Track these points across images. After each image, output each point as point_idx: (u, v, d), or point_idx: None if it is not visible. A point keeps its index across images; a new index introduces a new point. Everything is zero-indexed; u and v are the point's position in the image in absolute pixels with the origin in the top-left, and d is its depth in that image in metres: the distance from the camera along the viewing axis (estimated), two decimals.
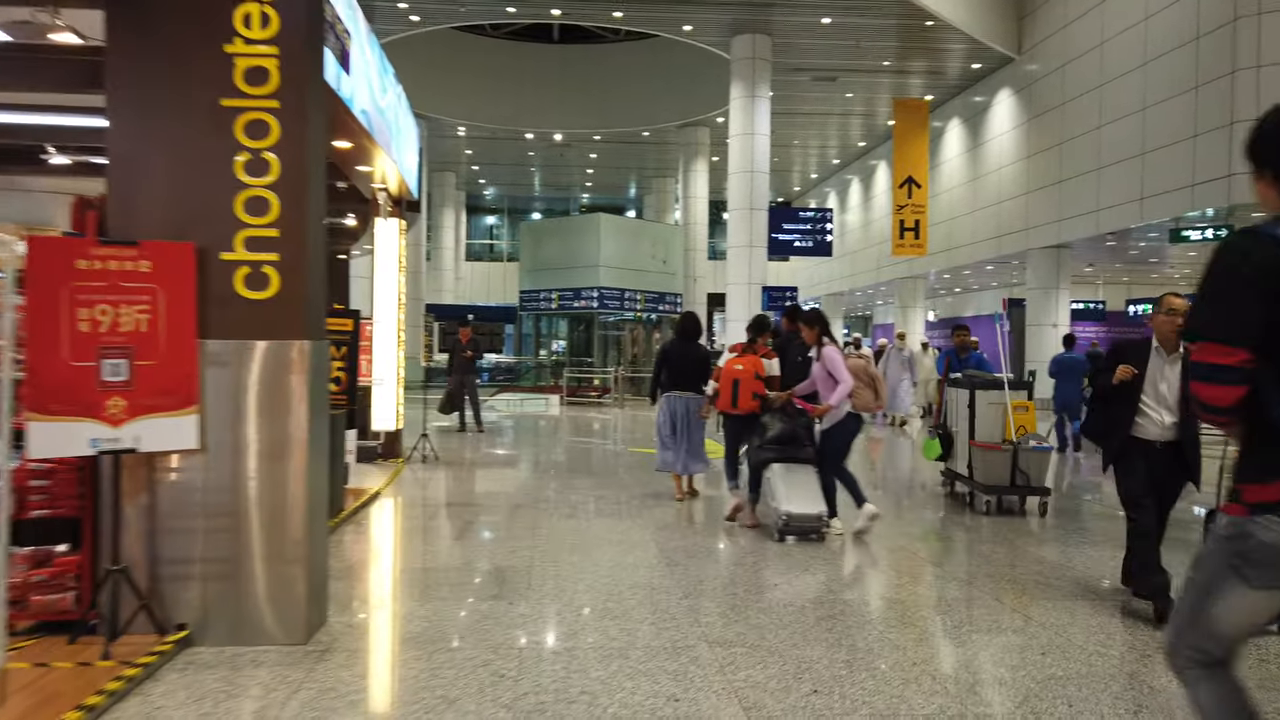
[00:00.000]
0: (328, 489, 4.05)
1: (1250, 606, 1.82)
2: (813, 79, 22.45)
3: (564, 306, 23.86)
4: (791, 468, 5.91)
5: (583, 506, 6.98)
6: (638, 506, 7.02)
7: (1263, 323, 1.70)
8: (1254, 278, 1.72)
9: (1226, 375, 1.74)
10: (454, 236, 39.42)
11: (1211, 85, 13.85)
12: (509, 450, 11.20)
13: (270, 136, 3.67)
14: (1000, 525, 6.47)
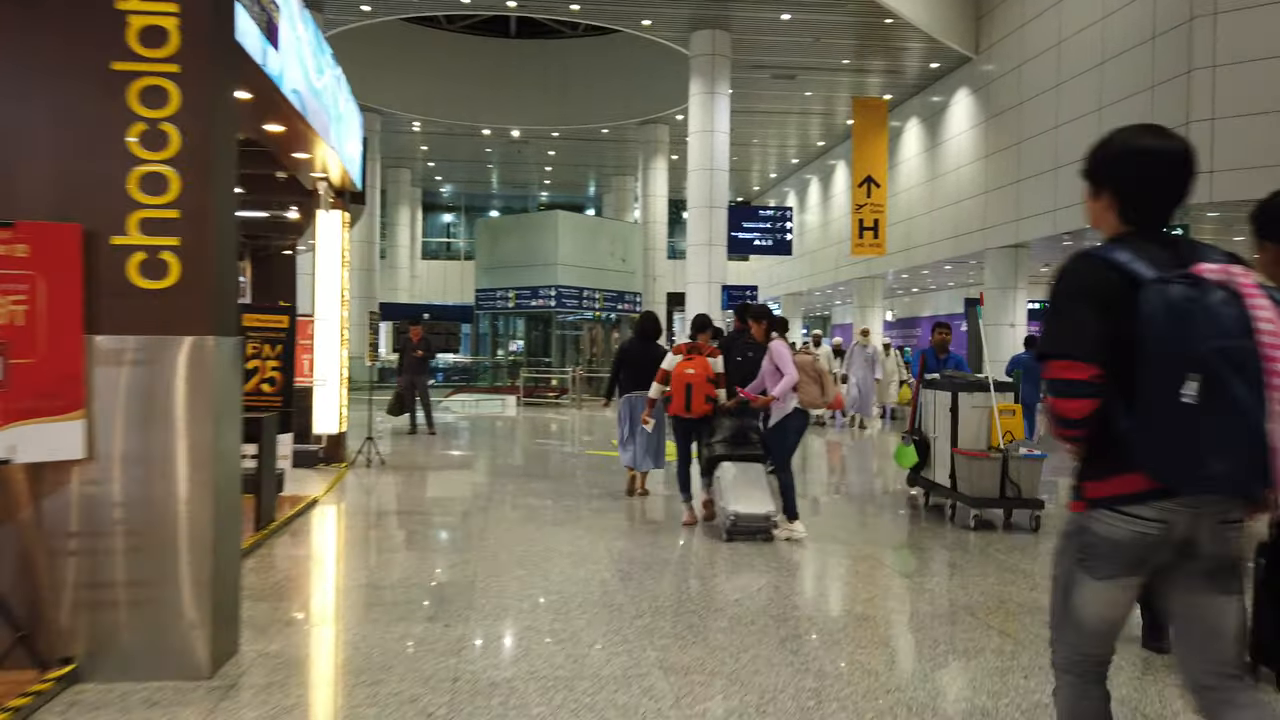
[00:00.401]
0: (240, 501, 3.63)
1: (1101, 599, 1.90)
2: (772, 76, 22.29)
3: (521, 305, 23.40)
4: (742, 467, 5.85)
5: (534, 513, 6.60)
6: (592, 513, 6.67)
7: (1103, 338, 1.79)
8: (1091, 297, 1.82)
9: (1079, 389, 1.82)
10: (409, 234, 38.64)
11: (1167, 85, 13.90)
12: (460, 453, 10.76)
13: (169, 105, 3.24)
14: (986, 540, 5.97)
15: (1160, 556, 1.85)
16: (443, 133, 30.74)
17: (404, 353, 12.65)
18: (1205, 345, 1.68)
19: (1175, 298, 1.72)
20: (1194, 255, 1.84)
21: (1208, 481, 1.73)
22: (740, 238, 20.00)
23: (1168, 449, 1.73)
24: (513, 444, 12.15)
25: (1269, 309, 1.70)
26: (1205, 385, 1.68)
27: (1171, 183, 1.95)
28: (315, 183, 8.11)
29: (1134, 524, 1.83)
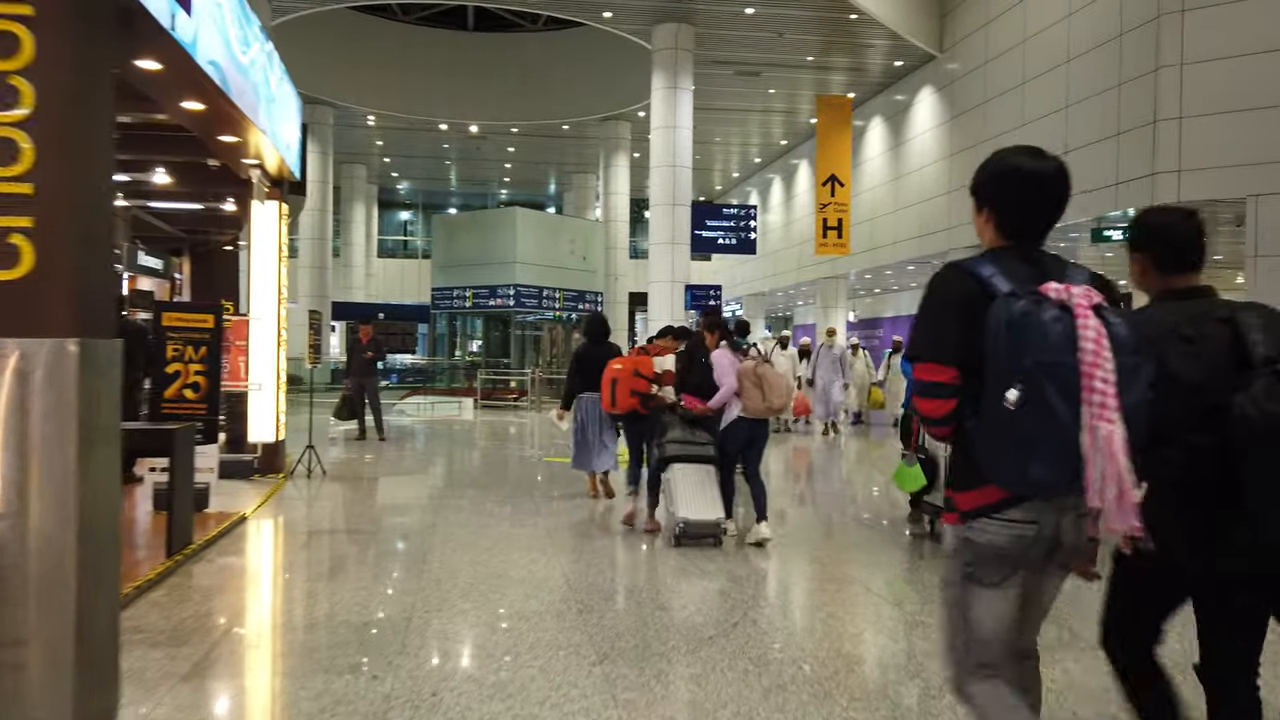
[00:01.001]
0: (115, 539, 3.03)
1: (996, 604, 1.95)
2: (736, 73, 21.90)
3: (479, 305, 22.71)
4: (692, 470, 5.73)
5: (486, 530, 6.04)
6: (548, 529, 6.14)
7: (963, 344, 1.88)
8: (954, 306, 1.91)
9: (939, 390, 1.92)
10: (365, 231, 37.64)
11: (1134, 83, 13.74)
12: (410, 461, 10.13)
13: (20, 55, 2.64)
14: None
15: (1035, 553, 1.93)
16: (398, 127, 29.89)
17: (352, 354, 11.99)
18: (1029, 358, 1.78)
19: (1015, 313, 1.81)
20: (1055, 273, 1.93)
21: (1030, 486, 1.84)
22: (704, 236, 19.57)
23: (997, 454, 1.85)
24: (467, 450, 11.54)
25: (1094, 328, 1.78)
26: (1025, 396, 1.78)
27: (1043, 202, 2.02)
28: (249, 171, 7.45)
29: (1010, 528, 1.90)
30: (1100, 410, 1.76)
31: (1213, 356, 2.00)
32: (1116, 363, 1.78)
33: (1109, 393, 1.76)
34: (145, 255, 11.67)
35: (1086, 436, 1.76)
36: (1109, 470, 1.75)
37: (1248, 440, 1.89)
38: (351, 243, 36.60)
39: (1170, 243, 2.21)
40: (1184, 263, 2.20)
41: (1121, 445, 1.75)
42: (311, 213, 27.55)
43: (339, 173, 35.44)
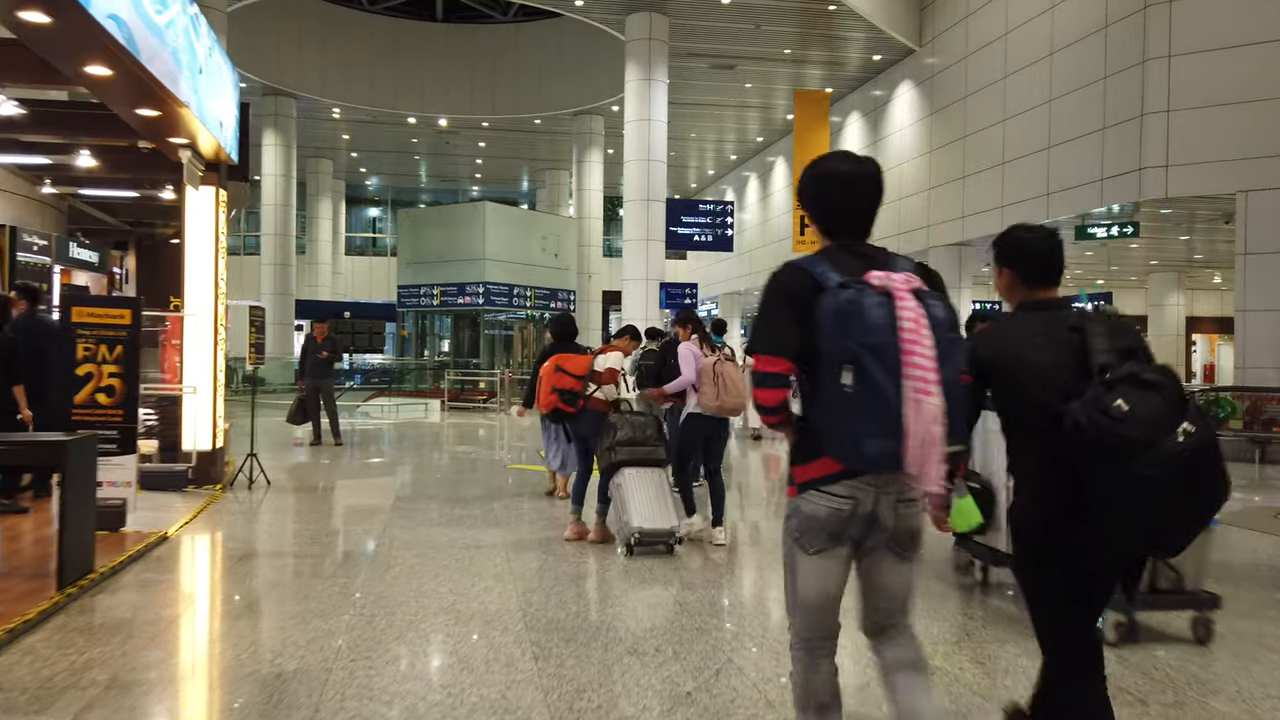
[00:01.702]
0: None
1: (817, 572, 2.11)
2: (711, 66, 21.38)
3: (447, 303, 21.95)
4: (644, 474, 5.48)
5: (436, 552, 5.40)
6: (507, 550, 5.51)
7: (797, 337, 2.03)
8: (789, 300, 2.05)
9: (774, 380, 2.07)
10: (331, 228, 36.65)
11: (1121, 75, 13.37)
12: (364, 469, 9.43)
13: None
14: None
15: (854, 529, 2.07)
16: (365, 120, 29.02)
17: (306, 354, 11.24)
18: (855, 341, 1.94)
19: (842, 301, 1.97)
20: (881, 264, 2.05)
21: (866, 460, 1.98)
22: (679, 233, 18.98)
23: (834, 432, 2.00)
24: (428, 456, 10.86)
25: (913, 310, 1.94)
26: (855, 376, 1.94)
27: (852, 202, 2.16)
28: (179, 152, 6.74)
29: (830, 501, 2.04)
30: (921, 383, 1.91)
31: (1062, 365, 2.12)
32: (935, 340, 1.93)
33: (929, 367, 1.91)
34: (78, 248, 10.86)
35: (909, 409, 1.91)
36: (927, 438, 1.90)
37: (1077, 446, 1.98)
38: (317, 239, 35.63)
39: (1034, 259, 2.33)
40: (1045, 277, 2.32)
41: (939, 415, 1.90)
42: (274, 207, 26.66)
43: (304, 167, 34.47)
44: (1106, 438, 1.91)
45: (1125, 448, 1.89)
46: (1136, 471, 1.88)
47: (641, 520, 5.30)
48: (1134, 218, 14.70)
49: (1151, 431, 1.88)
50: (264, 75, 25.02)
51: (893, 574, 2.13)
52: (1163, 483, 1.88)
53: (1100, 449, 1.92)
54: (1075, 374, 2.07)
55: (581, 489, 5.82)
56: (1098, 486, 1.97)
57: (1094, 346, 2.08)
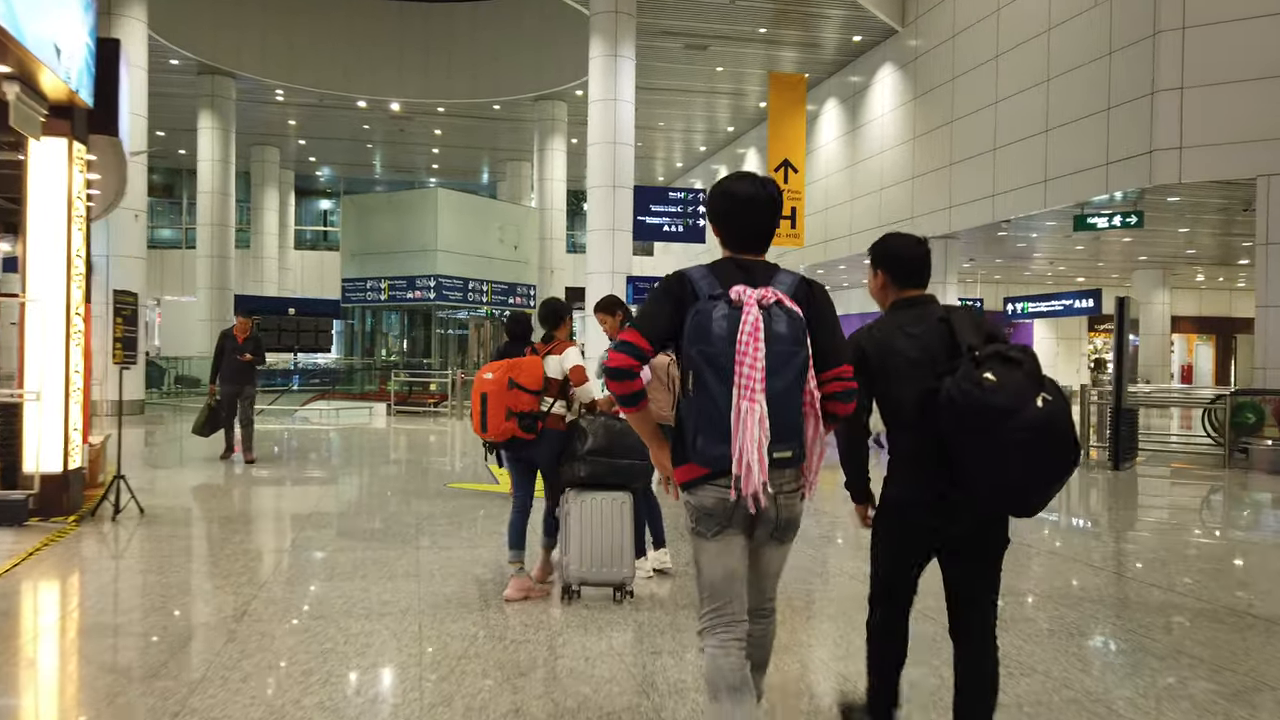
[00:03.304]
0: None
1: (719, 552, 2.23)
2: (682, 46, 20.04)
3: (395, 298, 20.30)
4: (599, 500, 4.28)
5: (318, 631, 3.94)
6: (421, 613, 4.09)
7: (665, 328, 2.23)
8: (668, 301, 2.24)
9: (629, 349, 2.20)
10: (278, 220, 34.69)
11: (1129, 50, 12.27)
12: (270, 492, 7.89)
13: None
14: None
15: (740, 518, 2.21)
16: (312, 104, 27.24)
17: (223, 353, 9.50)
18: (696, 348, 2.14)
19: (698, 312, 2.17)
20: (761, 279, 2.23)
21: (704, 459, 2.15)
22: (648, 223, 17.61)
23: (686, 432, 2.20)
24: (355, 472, 9.33)
25: (753, 323, 2.10)
26: (696, 382, 2.14)
27: (745, 219, 2.31)
28: (2, 86, 5.18)
29: (717, 491, 2.19)
30: (747, 391, 2.08)
31: (935, 351, 2.33)
32: (770, 351, 2.10)
33: (756, 377, 2.08)
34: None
35: (734, 414, 2.09)
36: (748, 443, 2.07)
37: (950, 415, 2.18)
38: (263, 232, 33.68)
39: (904, 263, 2.52)
40: (914, 279, 2.52)
41: (760, 421, 2.08)
42: (211, 195, 24.81)
43: (248, 155, 32.55)
44: (977, 406, 2.13)
45: (994, 414, 2.11)
46: (1004, 436, 2.10)
47: (582, 565, 4.24)
48: (1138, 206, 13.62)
49: (1016, 400, 2.11)
50: (198, 52, 23.22)
51: (773, 557, 2.33)
52: (1027, 445, 2.11)
53: (972, 416, 2.13)
54: (945, 357, 2.29)
55: (521, 526, 4.47)
56: (970, 453, 2.18)
57: (961, 332, 2.30)
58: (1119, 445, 9.10)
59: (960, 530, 2.35)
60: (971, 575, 2.44)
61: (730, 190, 2.33)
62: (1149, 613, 4.11)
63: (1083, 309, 20.95)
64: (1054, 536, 6.05)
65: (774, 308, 2.13)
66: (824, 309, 2.26)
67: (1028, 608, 4.22)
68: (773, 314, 2.12)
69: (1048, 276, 24.95)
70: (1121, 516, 7.08)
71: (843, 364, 2.25)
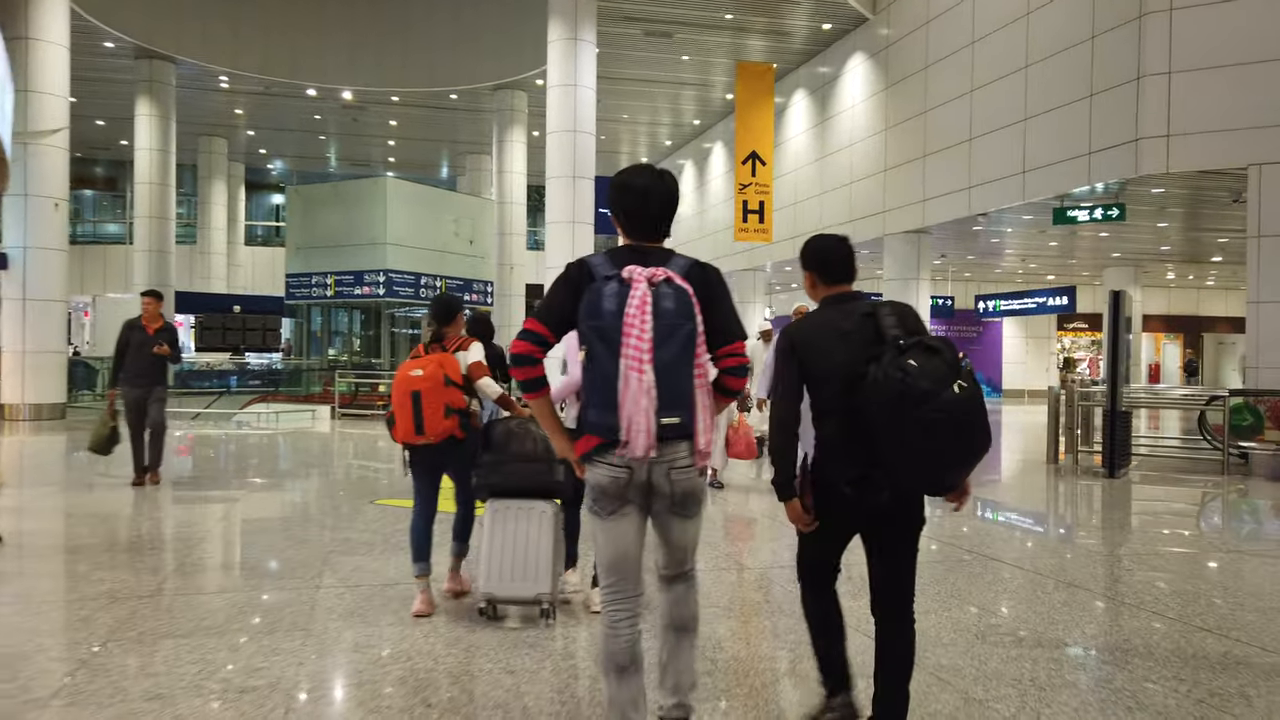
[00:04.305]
0: None
1: (611, 533, 2.38)
2: (645, 33, 19.22)
3: (342, 294, 19.21)
4: (516, 509, 3.97)
5: (155, 712, 3.04)
6: (305, 691, 3.19)
7: (560, 313, 2.38)
8: (566, 286, 2.38)
9: (529, 336, 2.36)
10: (227, 215, 33.26)
11: (1113, 33, 11.67)
12: (166, 515, 6.86)
13: None
14: None
15: (634, 494, 2.36)
16: (259, 92, 25.94)
17: (128, 349, 7.67)
18: (589, 323, 2.30)
19: (594, 290, 2.31)
20: (655, 263, 2.37)
21: (596, 428, 2.29)
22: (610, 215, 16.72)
23: (585, 406, 2.33)
24: (273, 489, 8.31)
25: (640, 298, 2.26)
26: (589, 354, 2.29)
27: (643, 209, 2.44)
28: None
29: (609, 470, 2.33)
30: (634, 361, 2.22)
31: (860, 342, 2.45)
32: (657, 325, 2.25)
33: (643, 348, 2.23)
34: None
35: (621, 383, 2.22)
36: (635, 409, 2.21)
37: (875, 398, 2.30)
38: (210, 226, 32.29)
39: (830, 262, 2.67)
40: (840, 276, 2.67)
41: (648, 389, 2.22)
42: (149, 186, 23.42)
43: (194, 146, 31.11)
44: (900, 389, 2.25)
45: (916, 395, 2.24)
46: (924, 415, 2.23)
47: (492, 583, 3.88)
48: (1119, 199, 13.05)
49: (936, 383, 2.25)
50: (135, 34, 21.90)
51: (679, 531, 2.43)
52: (944, 425, 2.24)
53: (896, 397, 2.26)
54: (870, 346, 2.41)
55: (424, 541, 4.14)
56: (891, 433, 2.29)
57: (885, 325, 2.44)
58: (1114, 451, 8.42)
59: (882, 508, 2.47)
60: (892, 554, 2.58)
61: (627, 183, 2.48)
62: (1214, 671, 3.33)
63: (1056, 306, 20.48)
64: (1071, 563, 5.30)
65: (662, 285, 2.28)
66: (717, 290, 2.41)
67: (1066, 665, 3.43)
68: (661, 291, 2.28)
69: (1018, 274, 24.52)
70: (1138, 536, 6.36)
71: (735, 341, 2.42)
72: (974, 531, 6.22)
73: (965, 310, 24.29)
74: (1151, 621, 3.94)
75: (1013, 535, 6.26)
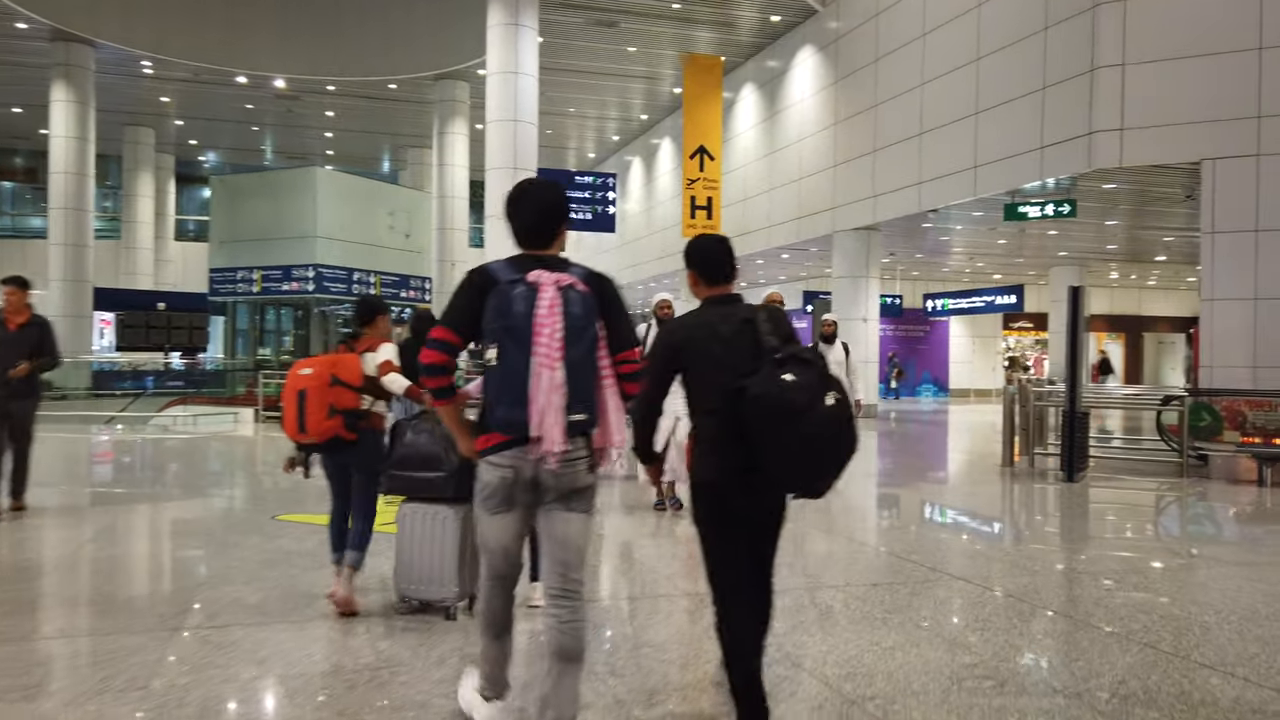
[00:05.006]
0: None
1: (495, 527, 2.49)
2: (589, 22, 18.58)
3: (270, 290, 18.18)
4: (419, 512, 3.94)
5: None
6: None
7: (466, 318, 2.47)
8: (470, 292, 2.48)
9: (438, 345, 2.46)
10: (154, 208, 31.72)
11: (1066, 24, 11.40)
12: (22, 537, 5.98)
13: None
14: None
15: (520, 493, 2.45)
16: (186, 79, 24.65)
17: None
18: (499, 323, 2.40)
19: (501, 293, 2.41)
20: (553, 269, 2.48)
21: (503, 425, 2.39)
22: None
23: (490, 404, 2.44)
24: (165, 504, 7.46)
25: (549, 299, 2.38)
26: (499, 352, 2.39)
27: (534, 220, 2.57)
28: None
29: (499, 470, 2.44)
30: (546, 359, 2.34)
31: (739, 349, 2.54)
32: (566, 326, 2.38)
33: (555, 346, 2.35)
34: None
35: (533, 380, 2.33)
36: (547, 406, 2.32)
37: (756, 411, 2.38)
38: (137, 221, 30.81)
39: (710, 262, 2.75)
40: (720, 277, 2.74)
41: (558, 386, 2.33)
42: (65, 176, 22.06)
43: (119, 136, 29.58)
44: (779, 403, 2.35)
45: (795, 410, 2.35)
46: (802, 429, 2.35)
47: (407, 579, 3.98)
48: (1070, 195, 12.82)
49: (811, 398, 2.36)
50: (49, 14, 20.57)
51: (565, 525, 2.47)
52: (820, 438, 2.37)
53: (776, 412, 2.36)
54: (749, 355, 2.50)
55: (341, 528, 4.16)
56: (771, 443, 2.38)
57: (762, 333, 2.54)
58: (1073, 454, 8.05)
59: (764, 506, 2.63)
60: (764, 546, 2.71)
61: (520, 195, 2.62)
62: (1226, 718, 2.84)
63: (1004, 305, 20.39)
64: (1044, 582, 4.83)
65: (569, 289, 2.43)
66: (613, 298, 2.56)
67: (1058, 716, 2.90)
68: (569, 295, 2.43)
69: (965, 273, 24.46)
70: (1111, 549, 5.94)
71: (631, 348, 2.56)
72: (934, 544, 5.74)
73: (913, 309, 24.14)
74: (1145, 655, 3.45)
75: (974, 549, 5.79)
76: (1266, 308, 9.81)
